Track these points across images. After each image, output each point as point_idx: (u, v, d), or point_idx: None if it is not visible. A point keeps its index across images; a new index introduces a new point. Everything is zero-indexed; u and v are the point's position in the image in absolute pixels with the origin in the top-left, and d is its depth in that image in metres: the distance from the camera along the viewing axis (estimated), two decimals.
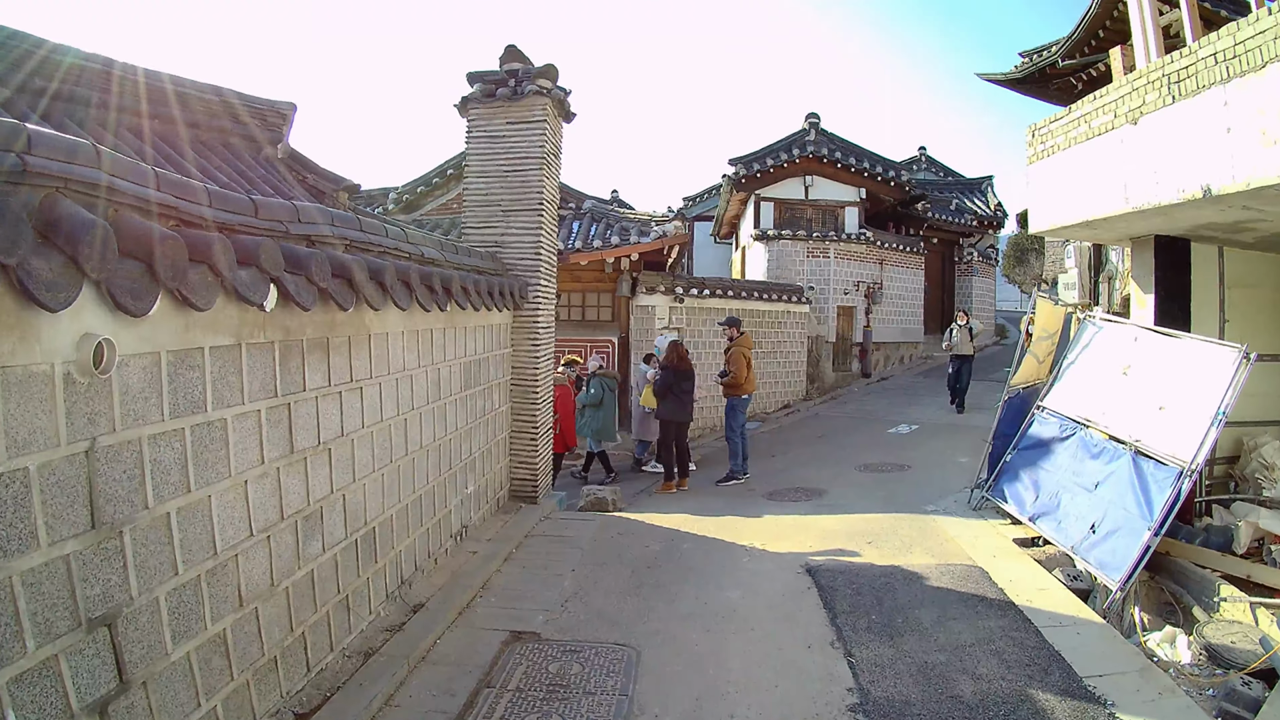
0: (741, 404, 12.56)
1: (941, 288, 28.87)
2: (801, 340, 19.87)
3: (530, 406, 9.15)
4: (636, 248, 15.20)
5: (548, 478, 9.81)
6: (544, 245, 9.11)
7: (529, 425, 9.18)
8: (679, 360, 11.86)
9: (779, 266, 21.66)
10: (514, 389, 9.13)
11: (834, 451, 14.37)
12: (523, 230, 8.99)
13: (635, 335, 16.01)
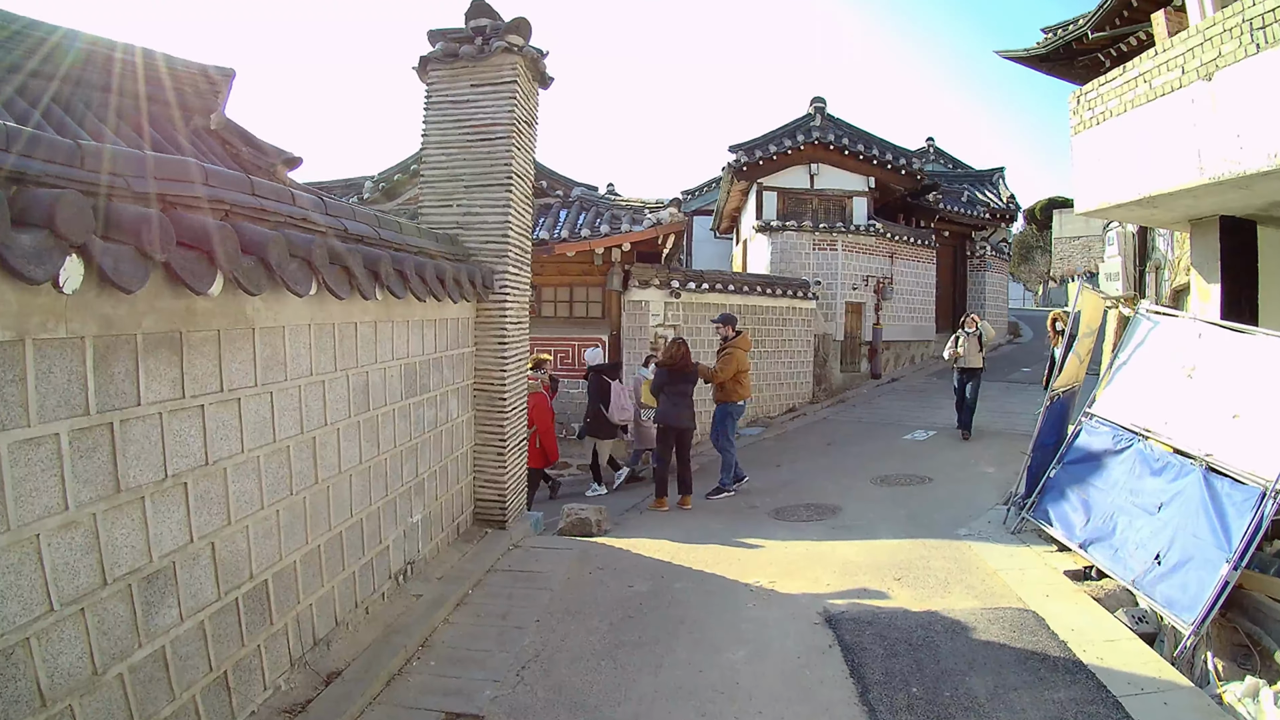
0: (734, 411, 11.49)
1: (953, 283, 27.65)
2: (807, 338, 18.65)
3: (497, 415, 7.90)
4: (628, 237, 13.97)
5: (521, 497, 8.57)
6: (513, 226, 7.86)
7: (495, 437, 7.93)
8: (678, 359, 10.66)
9: (783, 260, 20.44)
10: (478, 395, 7.88)
11: (845, 461, 13.16)
12: (488, 208, 7.74)
13: (628, 333, 14.80)
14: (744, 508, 10.57)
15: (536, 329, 14.94)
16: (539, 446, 10.85)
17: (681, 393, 10.68)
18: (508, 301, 7.83)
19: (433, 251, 6.55)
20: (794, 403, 18.28)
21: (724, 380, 11.17)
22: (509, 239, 7.76)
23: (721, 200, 25.78)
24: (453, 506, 7.38)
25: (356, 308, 5.14)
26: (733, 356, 11.22)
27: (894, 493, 10.87)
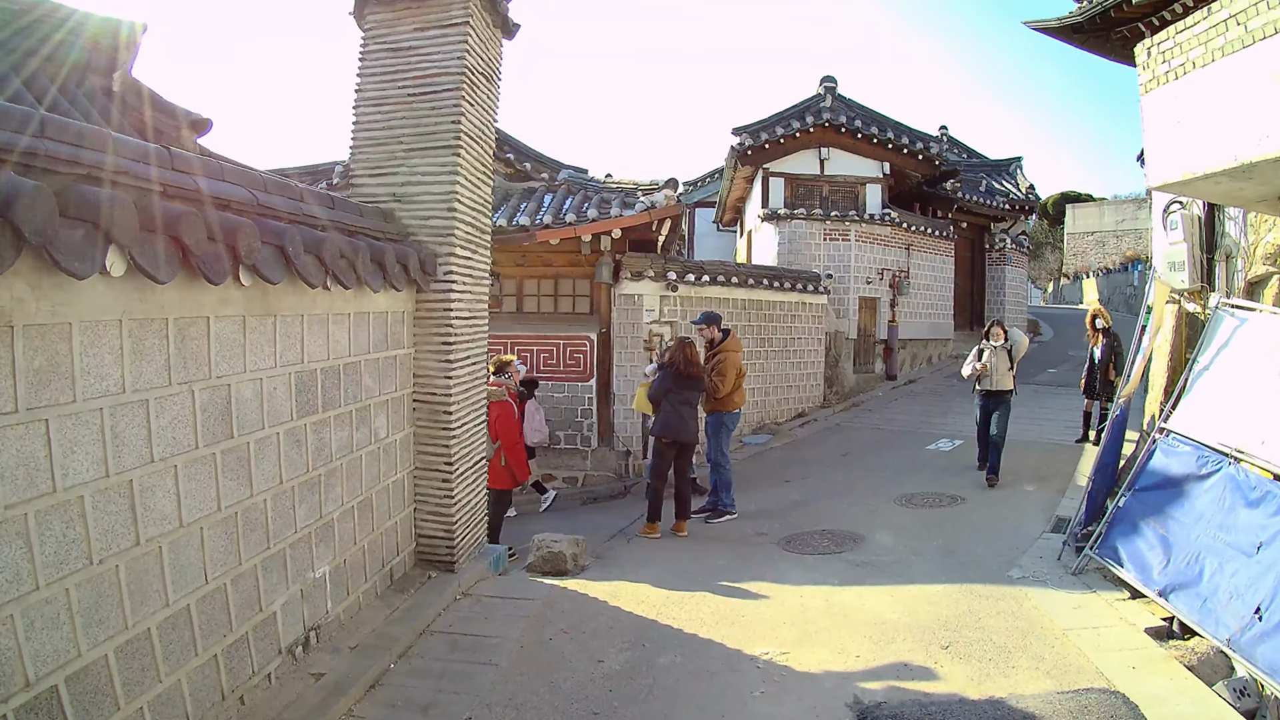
0: (729, 421, 10.20)
1: (971, 278, 26.22)
2: (818, 336, 17.22)
3: (441, 432, 6.47)
4: (617, 222, 12.52)
5: (476, 531, 7.16)
6: (463, 198, 6.44)
7: (439, 459, 6.50)
8: (685, 363, 9.33)
9: (791, 251, 19.03)
10: (418, 407, 6.45)
11: (864, 476, 11.73)
12: (431, 176, 6.33)
13: (618, 330, 13.36)
14: (749, 535, 9.18)
15: (517, 326, 13.84)
16: (504, 465, 9.41)
17: (687, 401, 9.37)
18: (454, 291, 6.41)
19: (348, 225, 5.13)
20: (803, 407, 16.86)
21: (726, 392, 9.96)
22: (456, 213, 6.35)
23: (724, 189, 24.43)
24: (382, 548, 5.96)
25: (209, 297, 3.70)
26: (728, 363, 9.95)
27: (923, 517, 9.46)
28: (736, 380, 10.00)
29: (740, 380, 10.10)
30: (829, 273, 18.12)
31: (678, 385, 9.24)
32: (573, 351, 13.66)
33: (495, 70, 6.99)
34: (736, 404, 10.11)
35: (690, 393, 9.38)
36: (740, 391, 10.13)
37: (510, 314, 14.10)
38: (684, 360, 9.28)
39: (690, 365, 9.29)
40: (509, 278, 14.07)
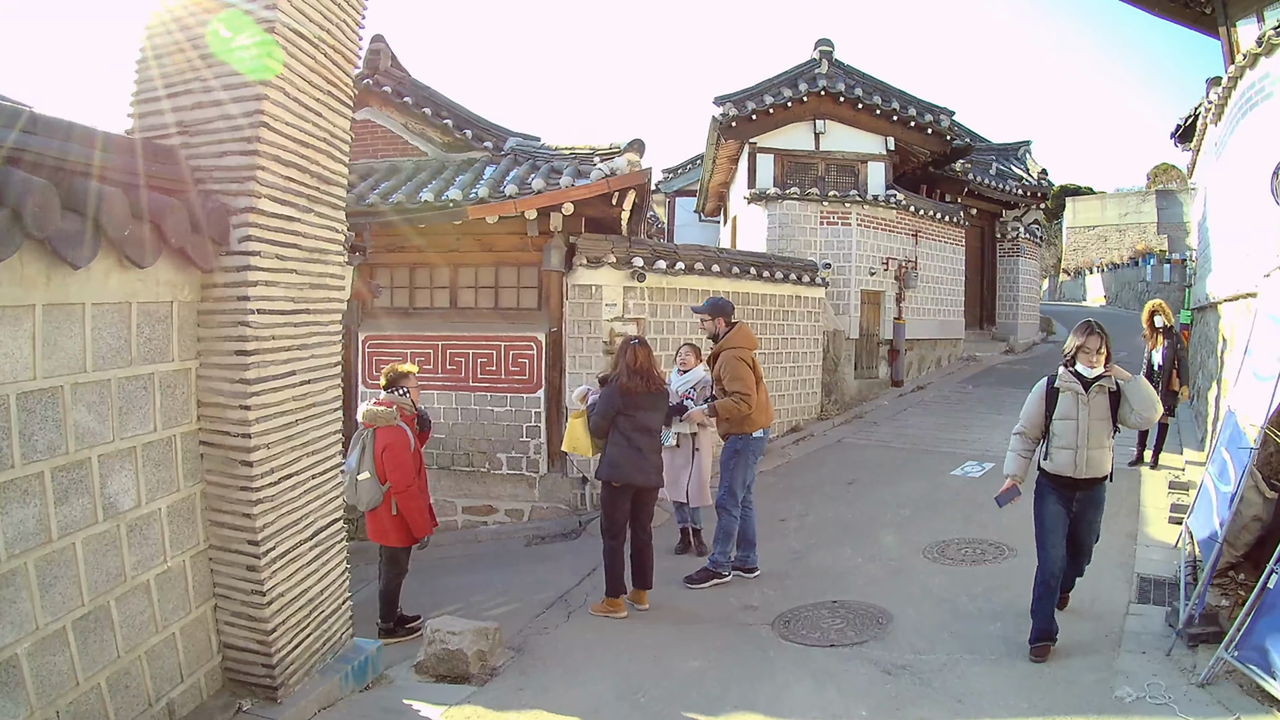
0: (752, 447, 7.84)
1: (981, 270, 24.18)
2: (814, 336, 14.99)
3: (238, 492, 4.24)
4: (569, 193, 10.22)
5: (326, 630, 4.91)
6: (277, 124, 4.25)
7: (240, 533, 4.28)
8: (632, 372, 6.96)
9: (782, 237, 16.81)
10: (207, 453, 4.16)
11: (878, 514, 9.55)
12: (231, 92, 4.10)
13: (572, 329, 11.09)
14: (735, 610, 6.98)
15: (448, 325, 11.78)
16: (395, 514, 7.12)
17: (643, 428, 7.02)
18: (256, 270, 4.17)
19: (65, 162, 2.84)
20: (798, 419, 14.63)
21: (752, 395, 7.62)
22: (263, 146, 4.09)
23: (706, 173, 22.27)
24: (145, 678, 3.71)
25: None
26: (741, 364, 7.62)
27: (965, 579, 7.30)
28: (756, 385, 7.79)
29: (760, 386, 7.80)
30: (826, 262, 15.87)
31: (628, 405, 6.94)
32: (516, 356, 11.39)
33: None
34: (758, 423, 7.79)
35: (647, 414, 7.06)
36: (763, 405, 7.85)
37: (441, 311, 11.92)
38: (630, 368, 6.95)
39: (641, 375, 6.96)
40: (439, 267, 11.91)
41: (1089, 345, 5.86)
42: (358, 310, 11.93)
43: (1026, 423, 6.28)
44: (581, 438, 7.36)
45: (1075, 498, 6.05)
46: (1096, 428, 5.90)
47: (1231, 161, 9.96)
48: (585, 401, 7.40)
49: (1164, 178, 54.69)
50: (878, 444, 13.32)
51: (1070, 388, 5.94)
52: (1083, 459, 5.88)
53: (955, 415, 15.18)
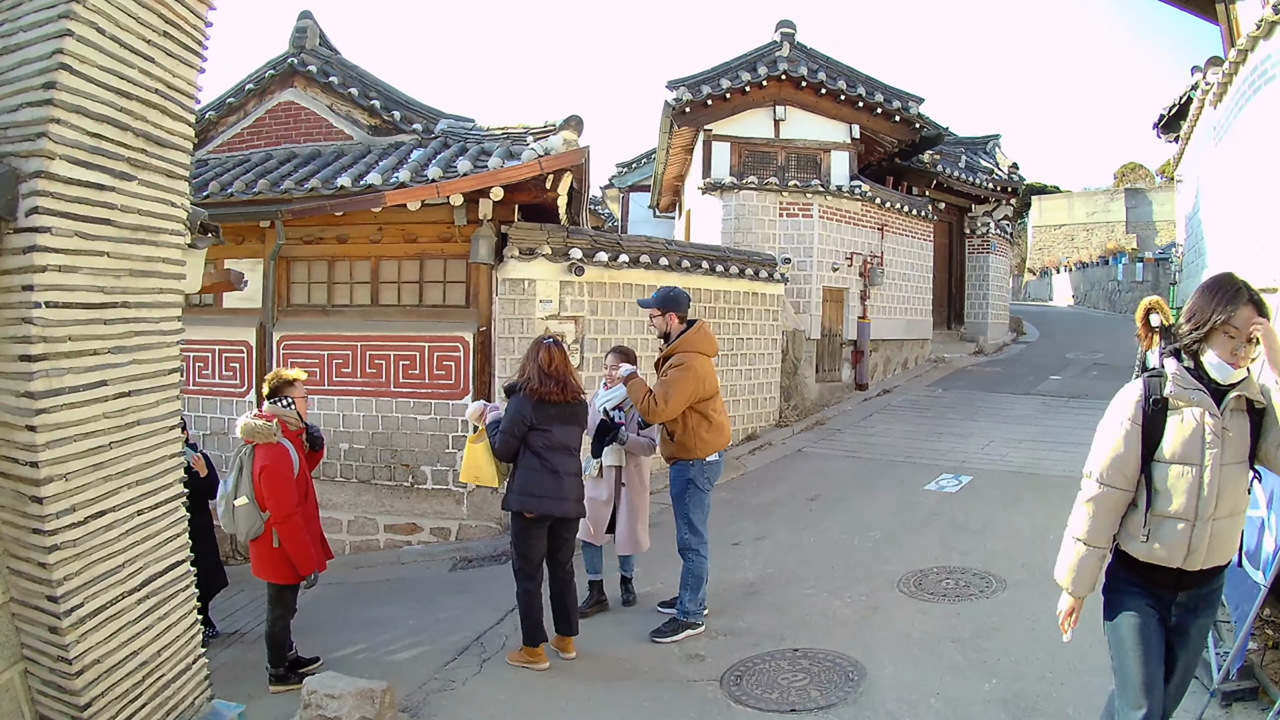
0: (702, 475, 6.62)
1: (949, 267, 23.48)
2: (772, 336, 14.12)
3: (29, 535, 3.38)
4: (497, 176, 9.23)
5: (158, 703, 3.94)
6: (86, 68, 3.24)
7: (38, 585, 3.38)
8: (546, 375, 5.95)
9: (739, 230, 15.96)
10: None
11: (845, 537, 8.62)
12: (29, 32, 3.12)
13: (503, 329, 10.12)
14: (678, 662, 6.03)
15: (368, 325, 10.80)
16: (278, 547, 6.12)
17: (558, 445, 6.00)
18: (44, 253, 3.18)
19: None
20: (755, 427, 13.73)
21: (671, 416, 6.40)
22: (54, 99, 3.13)
23: (659, 165, 21.35)
24: None
25: None
26: (688, 370, 6.37)
27: (951, 618, 6.36)
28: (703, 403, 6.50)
29: (710, 402, 6.58)
30: (786, 257, 14.95)
31: (542, 418, 5.93)
32: (442, 358, 10.38)
33: None
34: (712, 444, 6.59)
35: (564, 429, 6.04)
36: (715, 422, 6.60)
37: (361, 309, 10.92)
38: (542, 372, 5.96)
39: (556, 380, 5.97)
40: (360, 260, 10.92)
41: (1238, 320, 3.34)
42: (273, 308, 11.00)
43: (1112, 472, 3.51)
44: (484, 464, 6.23)
45: (1177, 600, 3.49)
46: (1232, 477, 3.36)
47: (1238, 146, 9.14)
48: (483, 420, 6.32)
49: (1132, 176, 54.94)
50: (842, 454, 12.42)
51: (1193, 402, 3.44)
52: (1203, 537, 3.33)
53: (925, 422, 14.32)
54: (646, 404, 6.26)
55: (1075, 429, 12.78)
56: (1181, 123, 14.41)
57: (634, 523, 7.07)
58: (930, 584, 7.09)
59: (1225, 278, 3.51)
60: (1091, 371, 18.98)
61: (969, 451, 11.73)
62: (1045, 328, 28.22)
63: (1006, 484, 10.10)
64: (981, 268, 23.83)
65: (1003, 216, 24.90)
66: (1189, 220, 13.55)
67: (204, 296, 11.36)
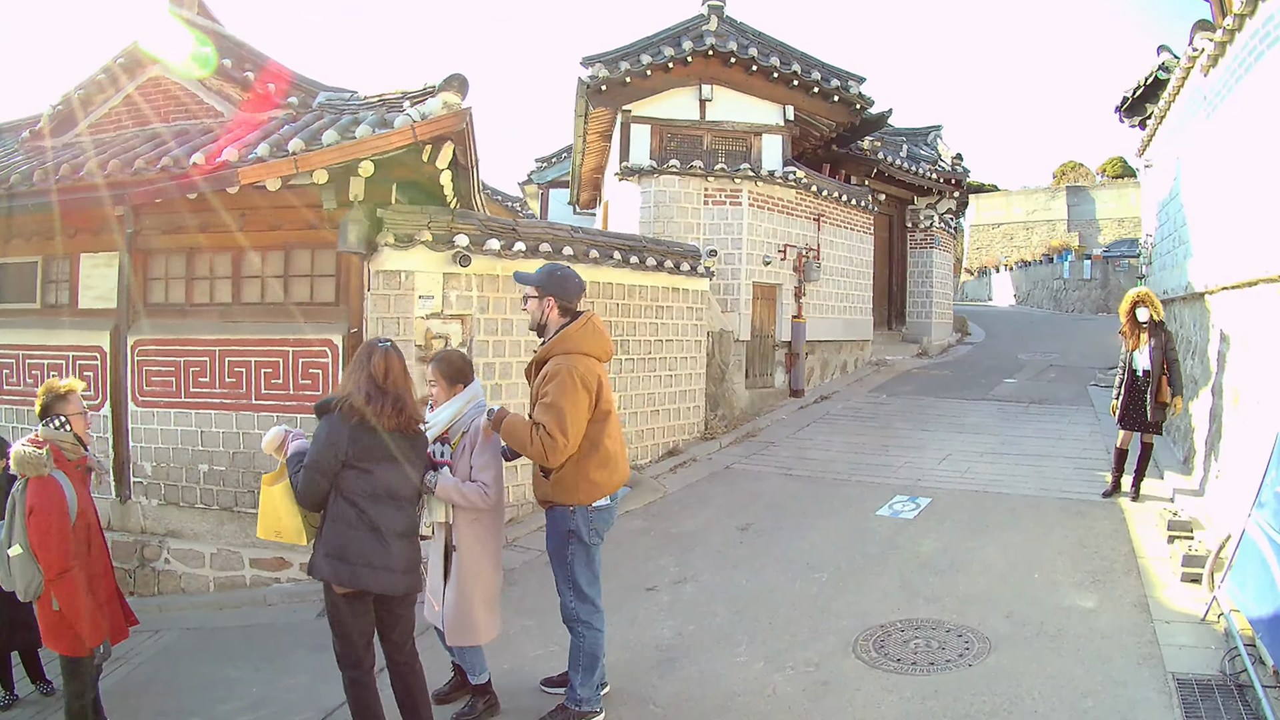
0: (591, 524, 5.22)
1: (890, 263, 22.68)
2: (696, 337, 13.02)
3: None
4: (363, 146, 7.94)
5: None
6: None
7: None
8: (377, 391, 4.59)
9: (658, 219, 14.85)
10: None
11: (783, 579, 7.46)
12: None
13: (377, 329, 8.85)
14: None
15: (229, 326, 9.56)
16: (56, 610, 4.89)
17: (384, 493, 4.65)
18: None
19: None
20: (677, 440, 12.58)
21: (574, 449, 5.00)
22: None
23: (577, 155, 20.28)
24: None
25: None
26: (572, 379, 4.92)
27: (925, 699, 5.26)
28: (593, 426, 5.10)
29: (604, 426, 5.18)
30: (712, 249, 13.87)
31: (361, 452, 4.58)
32: (308, 365, 9.07)
33: None
34: (602, 485, 5.20)
35: (393, 471, 4.66)
36: (606, 456, 5.20)
37: (222, 307, 9.65)
38: (374, 386, 4.61)
39: (390, 400, 4.60)
40: (221, 252, 9.66)
41: None
42: (127, 309, 9.77)
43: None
44: (285, 514, 4.82)
45: None
46: None
47: (1239, 116, 8.18)
48: (284, 451, 4.88)
49: (1072, 175, 55.65)
50: (778, 471, 11.31)
51: None
52: None
53: (871, 433, 13.31)
54: (540, 445, 4.83)
55: (1040, 439, 12.00)
56: (1148, 105, 13.71)
57: (462, 603, 5.22)
58: (894, 645, 5.96)
59: None
60: (1048, 373, 18.33)
61: (924, 467, 10.75)
62: (991, 327, 27.75)
63: (971, 507, 9.10)
64: (924, 264, 23.12)
65: (946, 210, 24.29)
66: (1163, 207, 12.84)
67: (59, 295, 10.51)
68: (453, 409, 5.17)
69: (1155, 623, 5.98)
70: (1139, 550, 7.50)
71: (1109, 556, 7.34)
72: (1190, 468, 9.55)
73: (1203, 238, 9.77)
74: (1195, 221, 10.31)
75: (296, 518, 4.77)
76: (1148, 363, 8.88)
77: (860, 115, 16.95)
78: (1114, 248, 37.80)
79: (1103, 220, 48.24)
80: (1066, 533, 8.05)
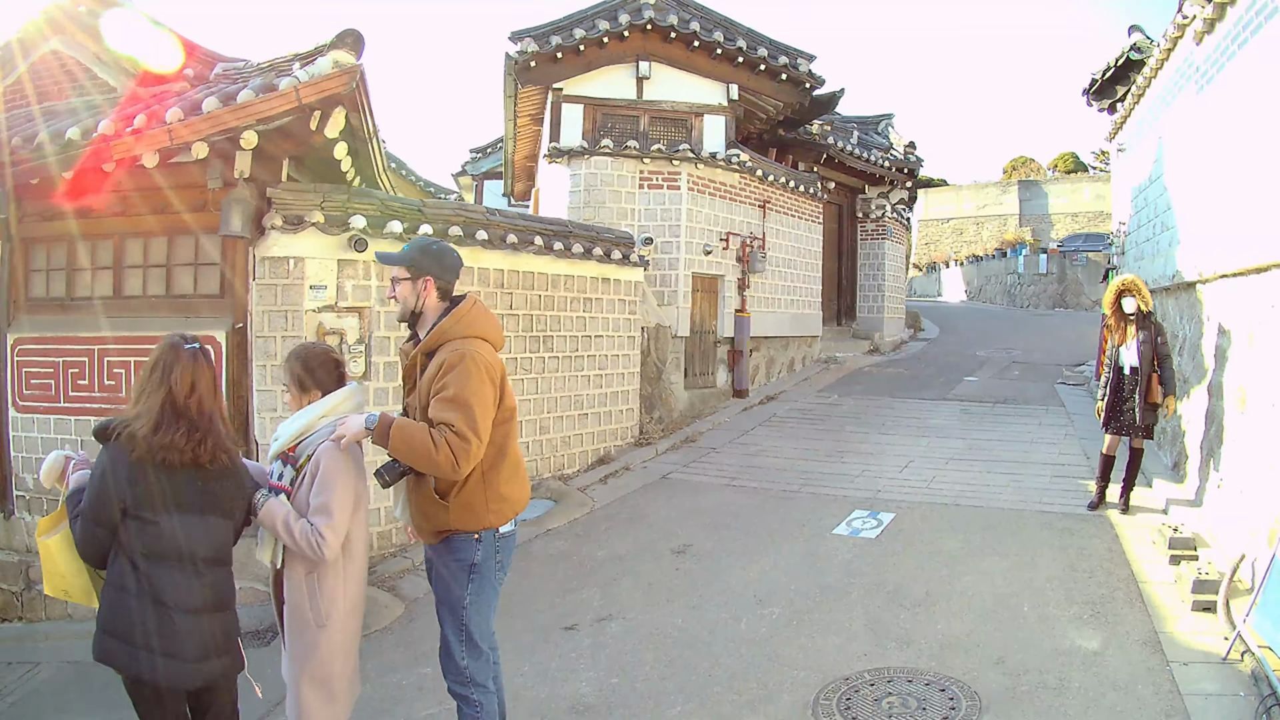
0: (496, 553, 4.25)
1: (839, 255, 22.11)
2: (630, 333, 12.28)
3: None
4: (241, 111, 7.06)
5: None
6: None
7: None
8: (174, 414, 3.64)
9: (589, 203, 14.07)
10: None
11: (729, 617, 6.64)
12: None
13: (262, 324, 8.09)
14: None
15: (106, 322, 8.66)
16: None
17: (171, 556, 3.64)
18: None
19: None
20: (608, 447, 11.84)
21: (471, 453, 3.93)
22: None
23: (509, 144, 19.48)
24: None
25: None
26: (475, 367, 3.98)
27: None
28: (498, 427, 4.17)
29: (509, 429, 4.28)
30: (648, 236, 13.19)
31: (145, 496, 3.62)
32: None
33: None
34: (513, 499, 4.29)
35: (187, 521, 3.68)
36: (511, 459, 4.28)
37: (103, 301, 8.80)
38: (171, 405, 3.65)
39: (185, 423, 3.64)
40: (103, 239, 8.86)
41: None
42: (7, 305, 9.09)
43: None
44: (66, 570, 3.82)
45: None
46: None
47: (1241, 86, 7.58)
48: (65, 484, 3.90)
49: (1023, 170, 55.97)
50: (721, 481, 10.55)
51: None
52: None
53: (823, 437, 12.63)
54: (449, 452, 3.86)
55: (1011, 442, 11.39)
56: (1118, 87, 13.27)
57: (291, 681, 4.11)
58: (864, 705, 5.14)
59: None
60: (1011, 371, 17.86)
61: (884, 476, 10.04)
62: (945, 323, 27.42)
63: (942, 524, 8.35)
64: (876, 256, 22.64)
65: (899, 200, 23.96)
66: (1140, 192, 12.37)
67: None
68: (300, 422, 4.09)
69: (1171, 665, 5.28)
70: (1139, 574, 6.82)
71: (1106, 583, 6.65)
72: (1182, 475, 8.92)
73: (1193, 222, 9.19)
74: (1183, 205, 9.74)
75: (83, 574, 3.81)
76: (1136, 359, 8.22)
77: (809, 95, 16.36)
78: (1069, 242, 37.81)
79: (1055, 215, 48.60)
80: (1055, 554, 7.32)
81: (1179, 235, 9.73)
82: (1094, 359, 16.73)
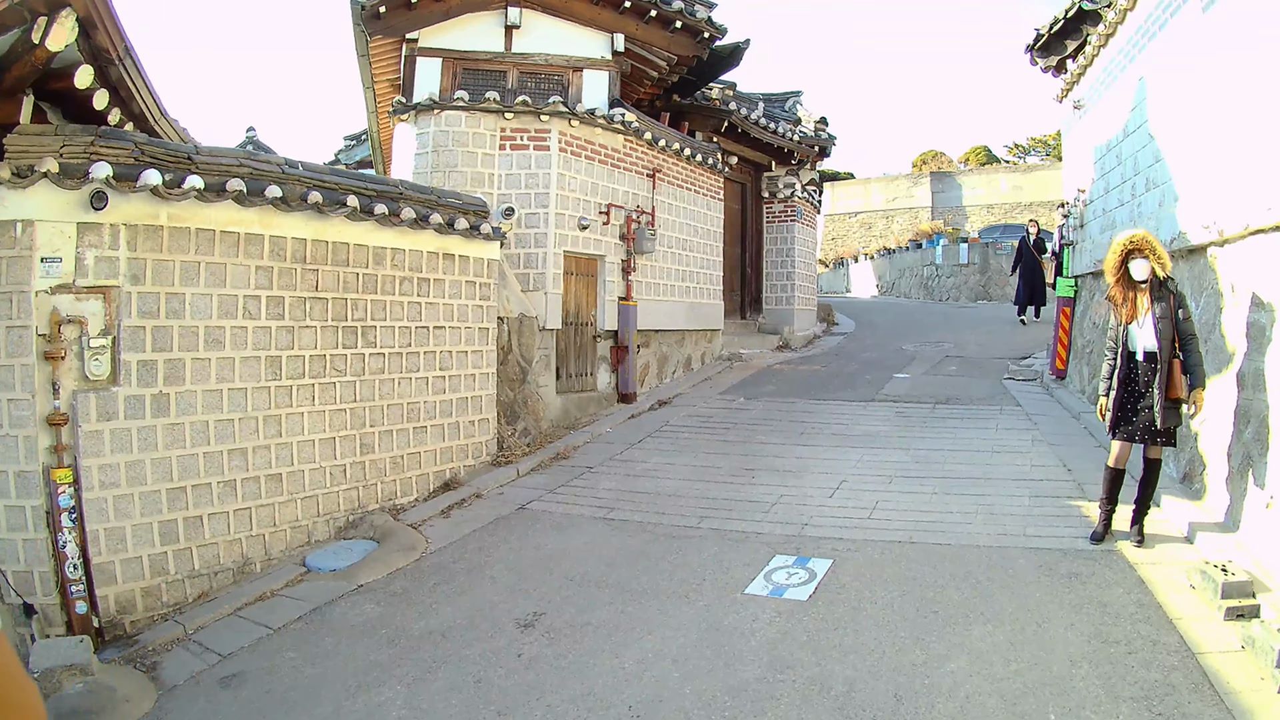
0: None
1: (743, 240, 20.88)
2: (482, 324, 10.53)
3: None
4: None
5: None
6: None
7: None
8: None
9: (438, 166, 12.39)
10: None
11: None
12: None
13: None
14: None
15: None
16: None
17: None
18: None
19: None
20: (456, 467, 10.09)
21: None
22: None
23: (371, 121, 17.79)
24: None
25: None
26: None
27: None
28: None
29: None
30: (509, 206, 11.55)
31: None
32: None
33: None
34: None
35: None
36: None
37: None
38: None
39: None
40: None
41: None
42: None
43: None
44: None
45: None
46: None
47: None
48: None
49: (934, 163, 56.62)
50: (595, 513, 8.82)
51: None
52: None
53: (728, 450, 11.04)
54: None
55: (967, 452, 9.87)
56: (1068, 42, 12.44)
57: None
58: None
59: None
60: (947, 366, 16.64)
61: (810, 502, 8.42)
62: (861, 317, 26.50)
63: (899, 573, 6.66)
64: (785, 240, 21.52)
65: (809, 180, 22.86)
66: (1108, 151, 11.30)
67: None
68: None
69: None
70: (1192, 640, 5.18)
71: (1153, 659, 4.99)
72: (1198, 489, 7.50)
73: (1201, 172, 7.90)
74: (1182, 153, 8.50)
75: None
76: (1153, 341, 6.69)
77: (708, 47, 14.88)
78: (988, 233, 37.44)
79: (971, 207, 49.03)
80: (1069, 616, 5.70)
81: (1175, 190, 8.47)
82: (1044, 350, 15.59)
